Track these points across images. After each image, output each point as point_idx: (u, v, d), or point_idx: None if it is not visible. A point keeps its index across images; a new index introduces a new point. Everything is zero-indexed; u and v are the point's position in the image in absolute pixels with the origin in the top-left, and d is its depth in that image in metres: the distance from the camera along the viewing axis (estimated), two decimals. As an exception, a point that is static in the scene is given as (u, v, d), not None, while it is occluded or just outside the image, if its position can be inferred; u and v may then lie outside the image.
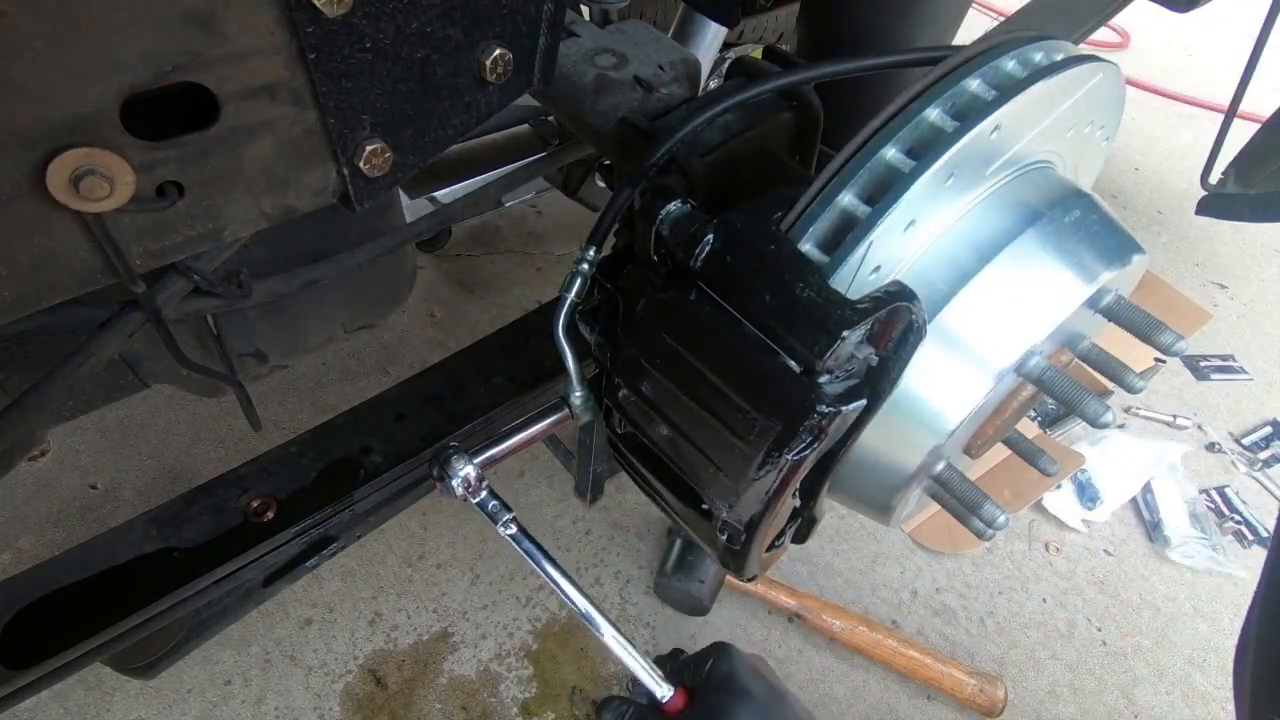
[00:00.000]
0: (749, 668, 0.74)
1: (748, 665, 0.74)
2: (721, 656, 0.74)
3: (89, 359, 0.75)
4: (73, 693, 1.37)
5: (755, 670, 0.75)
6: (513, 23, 0.59)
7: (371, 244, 0.97)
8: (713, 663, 0.74)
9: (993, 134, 0.60)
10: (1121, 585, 1.68)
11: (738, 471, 0.64)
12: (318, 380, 1.86)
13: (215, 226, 0.56)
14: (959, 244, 0.65)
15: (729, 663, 0.74)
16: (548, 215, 2.33)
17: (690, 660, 0.77)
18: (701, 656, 0.76)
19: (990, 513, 0.69)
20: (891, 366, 0.60)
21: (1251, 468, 1.91)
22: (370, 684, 1.43)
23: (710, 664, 0.74)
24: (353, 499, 0.97)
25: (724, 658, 0.74)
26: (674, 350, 0.64)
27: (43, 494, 1.62)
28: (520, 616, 1.53)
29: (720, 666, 0.73)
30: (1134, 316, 0.69)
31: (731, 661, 0.74)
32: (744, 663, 0.74)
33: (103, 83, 0.45)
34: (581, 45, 0.95)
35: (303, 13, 0.48)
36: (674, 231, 0.65)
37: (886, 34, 1.19)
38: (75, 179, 0.46)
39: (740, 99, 0.74)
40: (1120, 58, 3.37)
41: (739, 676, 0.72)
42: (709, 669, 0.74)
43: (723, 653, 0.75)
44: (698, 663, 0.75)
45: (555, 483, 1.73)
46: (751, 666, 0.75)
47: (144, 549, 0.89)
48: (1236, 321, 2.29)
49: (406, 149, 0.60)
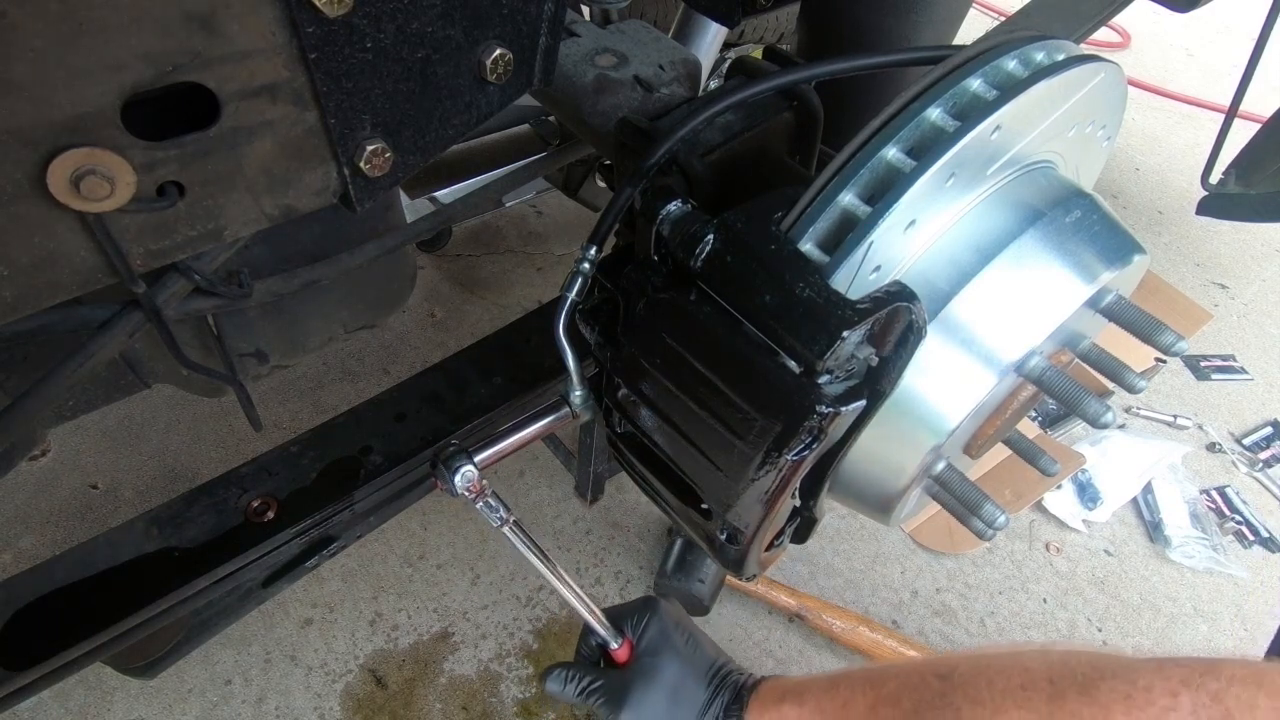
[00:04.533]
0: (672, 623, 0.85)
1: (670, 621, 0.85)
2: (651, 617, 0.85)
3: (89, 359, 0.75)
4: (73, 693, 1.37)
5: (677, 624, 0.86)
6: (513, 23, 0.59)
7: (372, 244, 0.97)
8: (645, 625, 0.84)
9: (994, 134, 0.60)
10: (1122, 585, 1.68)
11: (737, 472, 0.64)
12: (318, 380, 1.86)
13: (216, 226, 0.56)
14: (959, 244, 0.65)
15: (657, 623, 0.84)
16: (548, 215, 2.33)
17: (624, 612, 0.86)
18: (632, 612, 0.86)
19: (990, 513, 0.69)
20: (891, 367, 0.60)
21: (1252, 468, 1.91)
22: (370, 684, 1.43)
23: (643, 626, 0.84)
24: (353, 499, 0.97)
25: (653, 619, 0.85)
26: (674, 350, 0.64)
27: (43, 494, 1.62)
28: (521, 616, 1.53)
29: (650, 628, 0.84)
30: (1134, 316, 0.69)
31: (660, 622, 0.84)
32: (668, 619, 0.85)
33: (103, 83, 0.45)
34: (582, 45, 0.95)
35: (303, 13, 0.48)
36: (674, 231, 0.65)
37: (887, 34, 1.19)
38: (76, 179, 0.46)
39: (740, 99, 0.74)
40: (1121, 58, 3.37)
41: (664, 635, 0.84)
42: (642, 631, 0.84)
43: (651, 611, 0.85)
44: (634, 618, 0.85)
45: (555, 483, 1.73)
46: (674, 621, 0.86)
47: (144, 549, 0.89)
48: (1237, 321, 2.29)
49: (407, 149, 0.60)
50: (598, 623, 0.83)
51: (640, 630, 0.84)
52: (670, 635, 0.84)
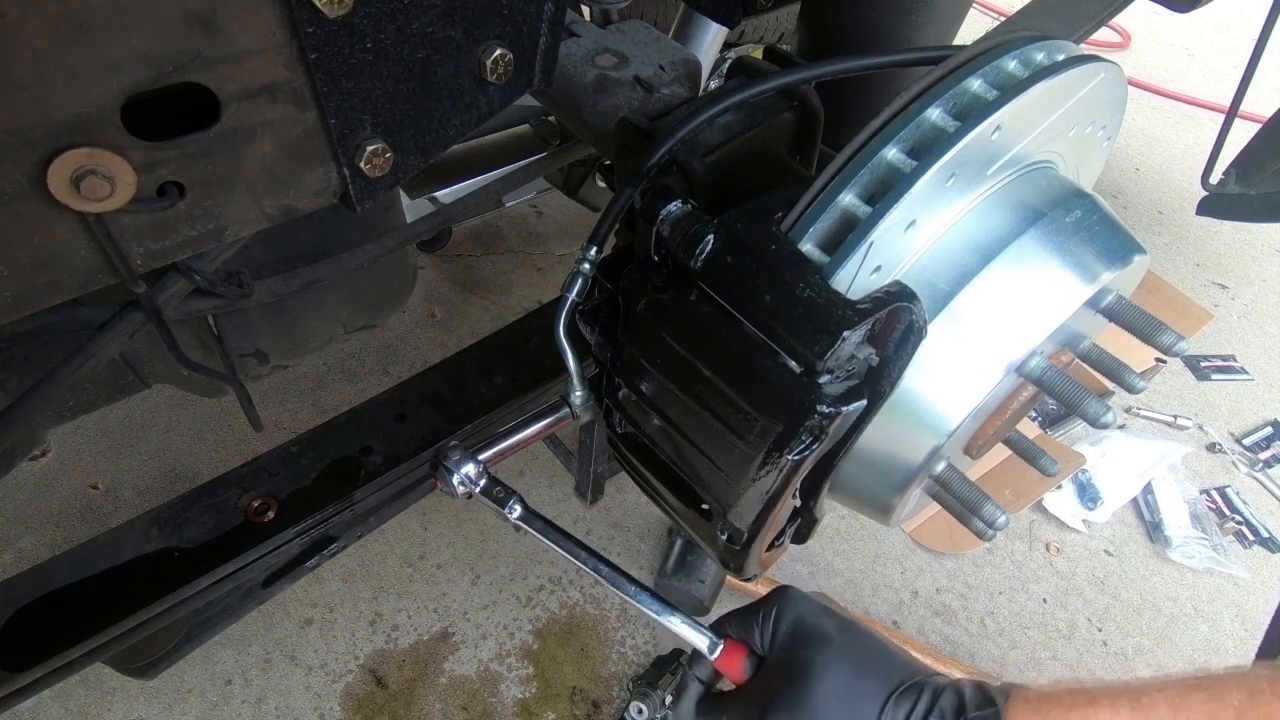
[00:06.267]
0: (816, 608, 0.67)
1: (814, 606, 0.67)
2: (785, 605, 0.67)
3: (89, 359, 0.75)
4: (73, 693, 1.37)
5: (823, 610, 0.67)
6: (513, 23, 0.59)
7: (372, 244, 0.97)
8: (777, 616, 0.67)
9: (994, 134, 0.60)
10: (1122, 585, 1.68)
11: (738, 472, 0.64)
12: (318, 380, 1.86)
13: (216, 226, 0.56)
14: (960, 244, 0.65)
15: (795, 610, 0.66)
16: (548, 215, 2.33)
17: (746, 613, 0.69)
18: (758, 608, 0.68)
19: (991, 513, 0.69)
20: (892, 367, 0.60)
21: (1252, 468, 1.91)
22: (370, 684, 1.43)
23: (775, 618, 0.66)
24: (353, 499, 0.97)
25: (788, 606, 0.66)
26: (674, 350, 0.64)
27: (43, 494, 1.62)
28: (521, 616, 1.53)
29: (787, 618, 0.66)
30: (1135, 317, 0.69)
31: (798, 608, 0.66)
32: (810, 605, 0.67)
33: (104, 83, 0.45)
34: (582, 45, 0.95)
35: (304, 13, 0.48)
36: (674, 232, 0.65)
37: (887, 34, 1.19)
38: (76, 179, 0.46)
39: (740, 99, 0.74)
40: (1121, 58, 3.37)
41: (810, 622, 0.65)
42: (775, 624, 0.66)
43: (785, 600, 0.67)
44: (757, 616, 0.67)
45: (555, 483, 1.73)
46: (819, 607, 0.67)
47: (145, 549, 0.89)
48: (1237, 322, 2.29)
49: (407, 149, 0.60)
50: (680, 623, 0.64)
51: (773, 624, 0.66)
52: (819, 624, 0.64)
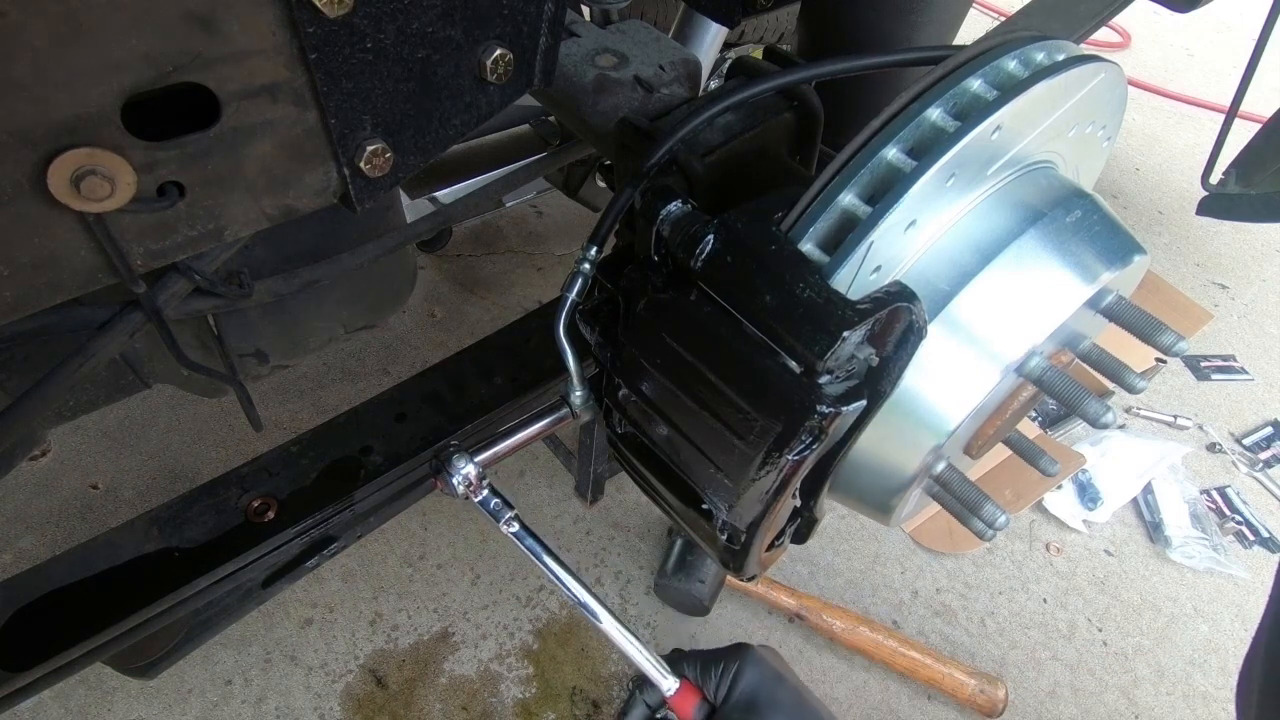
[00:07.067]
0: (773, 674, 0.68)
1: (771, 672, 0.69)
2: (745, 665, 0.68)
3: (89, 359, 0.75)
4: (73, 693, 1.37)
5: (779, 676, 0.68)
6: (513, 23, 0.59)
7: (372, 244, 0.97)
8: (735, 673, 0.68)
9: (994, 134, 0.60)
10: (1122, 586, 1.68)
11: (738, 472, 0.64)
12: (318, 380, 1.86)
13: (216, 226, 0.56)
14: (960, 244, 0.65)
15: (754, 673, 0.67)
16: (548, 215, 2.33)
17: (706, 660, 0.70)
18: (719, 659, 0.69)
19: (991, 513, 0.69)
20: (892, 367, 0.60)
21: (1252, 468, 1.91)
22: (370, 684, 1.43)
23: (734, 675, 0.68)
24: (353, 499, 0.97)
25: (748, 666, 0.67)
26: (674, 350, 0.64)
27: (43, 494, 1.62)
28: (521, 616, 1.53)
29: (745, 678, 0.67)
30: (1135, 317, 0.69)
31: (757, 671, 0.68)
32: (768, 669, 0.69)
33: (104, 83, 0.45)
34: (582, 45, 0.95)
35: (304, 13, 0.48)
36: (674, 232, 0.65)
37: (887, 34, 1.19)
38: (76, 179, 0.46)
39: (740, 99, 0.74)
40: (1121, 58, 3.37)
41: (766, 688, 0.66)
42: (733, 682, 0.67)
43: (745, 660, 0.68)
44: (716, 667, 0.69)
45: (555, 483, 1.73)
46: (775, 672, 0.69)
47: (144, 549, 0.89)
48: (1237, 322, 2.29)
49: (407, 149, 0.60)
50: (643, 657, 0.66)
51: (731, 681, 0.68)
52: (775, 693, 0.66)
